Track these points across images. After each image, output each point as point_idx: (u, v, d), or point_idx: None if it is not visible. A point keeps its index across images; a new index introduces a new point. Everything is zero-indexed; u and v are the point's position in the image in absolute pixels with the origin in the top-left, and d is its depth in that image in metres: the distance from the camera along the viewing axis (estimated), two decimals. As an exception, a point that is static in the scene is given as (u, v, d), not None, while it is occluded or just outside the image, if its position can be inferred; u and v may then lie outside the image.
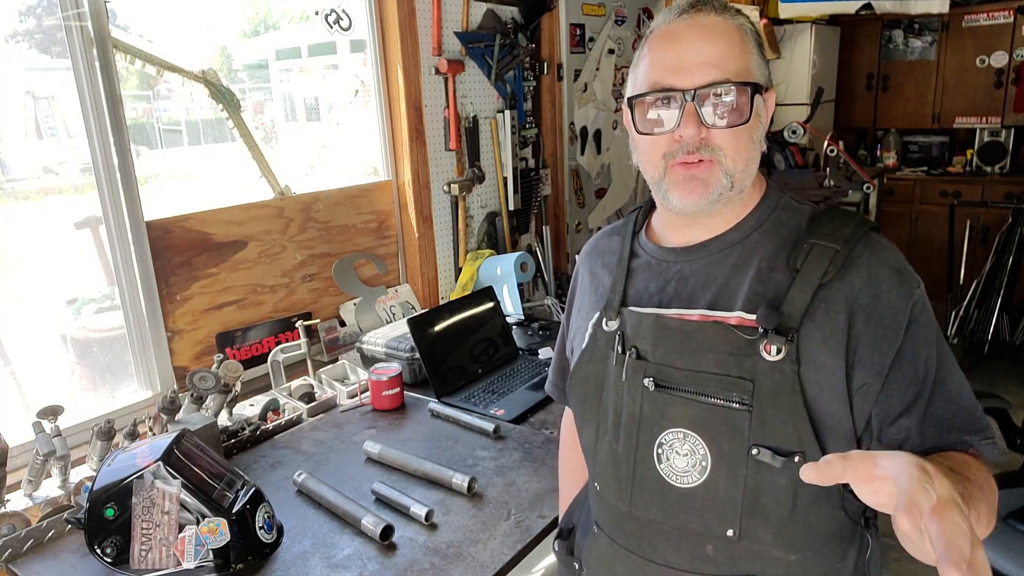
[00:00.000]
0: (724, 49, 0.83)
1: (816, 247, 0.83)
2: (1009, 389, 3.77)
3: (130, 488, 1.19)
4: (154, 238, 1.83)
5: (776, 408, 0.80)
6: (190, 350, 1.95)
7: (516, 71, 2.78)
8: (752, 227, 0.90)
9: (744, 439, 0.81)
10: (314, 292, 2.27)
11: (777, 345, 0.80)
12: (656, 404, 0.87)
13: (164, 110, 2.99)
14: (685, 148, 0.84)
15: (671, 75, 0.84)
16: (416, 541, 1.31)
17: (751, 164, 0.87)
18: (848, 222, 0.85)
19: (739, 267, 0.88)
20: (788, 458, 0.80)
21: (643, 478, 0.89)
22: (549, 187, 3.12)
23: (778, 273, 0.85)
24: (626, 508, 0.91)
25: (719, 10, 0.86)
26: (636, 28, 3.58)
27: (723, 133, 0.84)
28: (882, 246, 0.84)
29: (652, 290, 0.93)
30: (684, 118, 0.83)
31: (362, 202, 2.40)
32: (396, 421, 1.82)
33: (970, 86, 4.84)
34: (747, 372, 0.81)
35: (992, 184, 4.76)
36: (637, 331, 0.91)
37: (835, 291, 0.81)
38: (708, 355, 0.84)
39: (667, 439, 0.86)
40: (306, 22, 2.68)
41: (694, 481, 0.85)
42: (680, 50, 0.84)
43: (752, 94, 0.84)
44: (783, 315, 0.80)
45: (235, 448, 1.68)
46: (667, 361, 0.87)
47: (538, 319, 2.58)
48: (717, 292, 0.87)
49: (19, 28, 1.74)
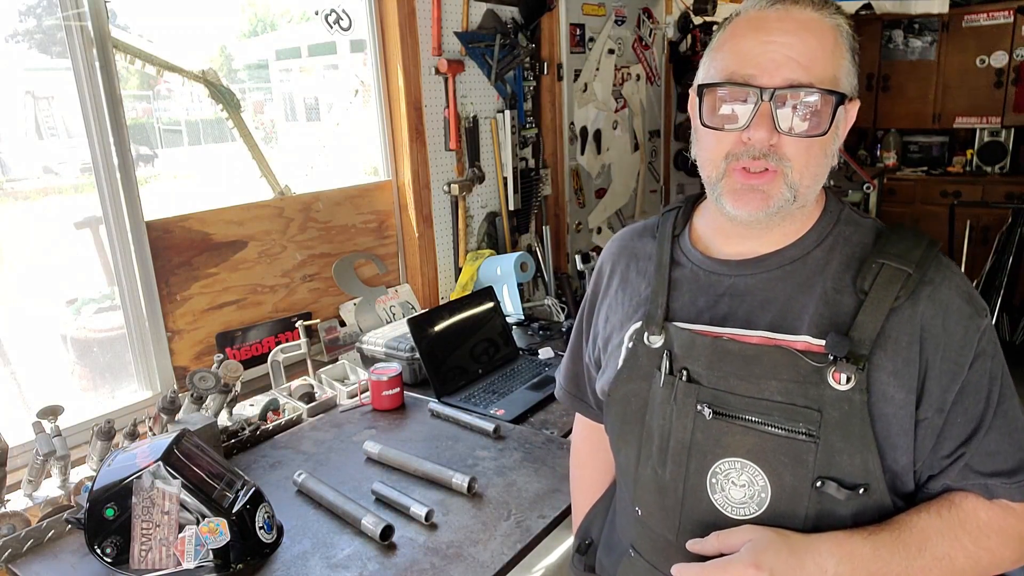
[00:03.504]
0: (815, 49, 0.76)
1: (886, 268, 0.77)
2: (1009, 389, 3.76)
3: (130, 488, 1.19)
4: (154, 238, 1.83)
5: (844, 440, 0.76)
6: (190, 350, 1.95)
7: (516, 71, 2.77)
8: (814, 242, 0.84)
9: (808, 471, 0.77)
10: (314, 292, 2.27)
11: (847, 374, 0.75)
12: (711, 432, 0.81)
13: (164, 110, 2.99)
14: (751, 152, 0.78)
15: (751, 68, 0.77)
16: (416, 541, 1.31)
17: (819, 180, 0.81)
18: (919, 242, 0.79)
19: (802, 286, 0.82)
20: (853, 491, 0.76)
21: (693, 508, 0.83)
22: (549, 187, 3.12)
23: (845, 295, 0.79)
24: (672, 538, 0.86)
25: (817, 5, 0.78)
26: (636, 28, 3.58)
27: (796, 142, 0.77)
28: (952, 271, 0.79)
29: (701, 305, 0.87)
30: (757, 118, 0.76)
31: (362, 202, 2.40)
32: (396, 421, 1.82)
33: (970, 86, 4.84)
34: (814, 401, 0.76)
35: (992, 184, 4.76)
36: (688, 351, 0.84)
37: (906, 318, 0.76)
38: (772, 382, 0.78)
39: (722, 468, 0.81)
40: (306, 22, 2.68)
41: (751, 513, 0.80)
42: (766, 41, 0.76)
43: (836, 104, 0.77)
44: (853, 342, 0.75)
45: (235, 448, 1.68)
46: (724, 386, 0.81)
47: (538, 319, 2.58)
48: (779, 313, 0.81)
49: (19, 28, 1.74)
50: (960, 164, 5.02)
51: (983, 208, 4.49)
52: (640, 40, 3.62)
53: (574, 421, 1.21)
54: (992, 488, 0.78)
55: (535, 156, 3.02)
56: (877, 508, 0.78)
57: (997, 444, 0.78)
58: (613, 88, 3.48)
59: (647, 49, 3.68)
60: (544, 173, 3.07)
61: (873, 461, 0.76)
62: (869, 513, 0.78)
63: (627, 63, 3.56)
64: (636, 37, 3.59)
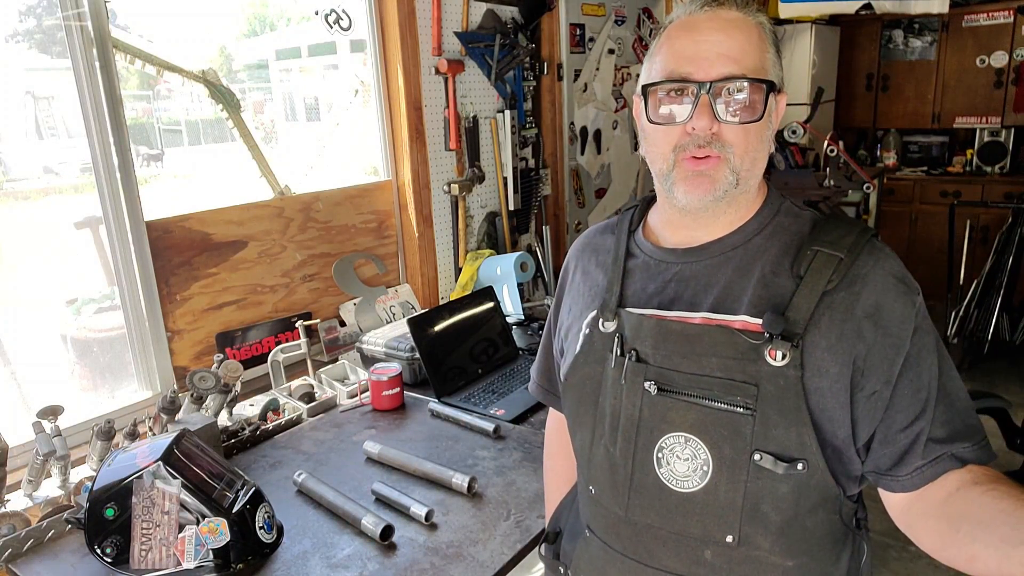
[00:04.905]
0: (743, 44, 0.83)
1: (820, 254, 0.83)
2: (1009, 389, 3.77)
3: (130, 488, 1.19)
4: (154, 238, 1.83)
5: (780, 413, 0.80)
6: (190, 350, 1.95)
7: (516, 71, 2.77)
8: (754, 231, 0.90)
9: (746, 444, 0.81)
10: (314, 292, 2.27)
11: (782, 350, 0.79)
12: (657, 408, 0.86)
13: (164, 110, 2.99)
14: (696, 141, 0.84)
15: (688, 65, 0.84)
16: (416, 541, 1.31)
17: (758, 163, 0.87)
18: (851, 230, 0.85)
19: (742, 271, 0.87)
20: (790, 464, 0.80)
21: (641, 482, 0.88)
22: (549, 187, 3.12)
23: (782, 278, 0.84)
24: (622, 512, 0.90)
25: (741, 7, 0.86)
26: (636, 28, 3.58)
27: (734, 129, 0.83)
28: (885, 254, 0.84)
29: (651, 291, 0.92)
30: (698, 110, 0.83)
31: (362, 202, 2.40)
32: (396, 421, 1.82)
33: (970, 86, 4.84)
34: (751, 377, 0.81)
35: (992, 184, 4.76)
36: (637, 333, 0.89)
37: (840, 299, 0.81)
38: (712, 359, 0.83)
39: (667, 443, 0.86)
40: (306, 22, 2.68)
41: (695, 486, 0.84)
42: (699, 40, 0.84)
43: (767, 92, 0.84)
44: (788, 320, 0.80)
45: (235, 448, 1.68)
46: (669, 364, 0.86)
47: (538, 319, 2.57)
48: (720, 295, 0.86)
49: (19, 28, 1.74)
50: (960, 164, 5.02)
51: (983, 208, 4.50)
52: (640, 40, 3.62)
53: (548, 415, 1.25)
54: (960, 454, 0.80)
55: (535, 156, 3.02)
56: (817, 486, 0.82)
57: (947, 413, 0.81)
58: (613, 88, 3.48)
59: (647, 49, 3.68)
60: (544, 173, 3.07)
61: (808, 435, 0.80)
62: (810, 491, 0.82)
63: (627, 63, 3.56)
64: (636, 37, 3.59)
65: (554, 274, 3.01)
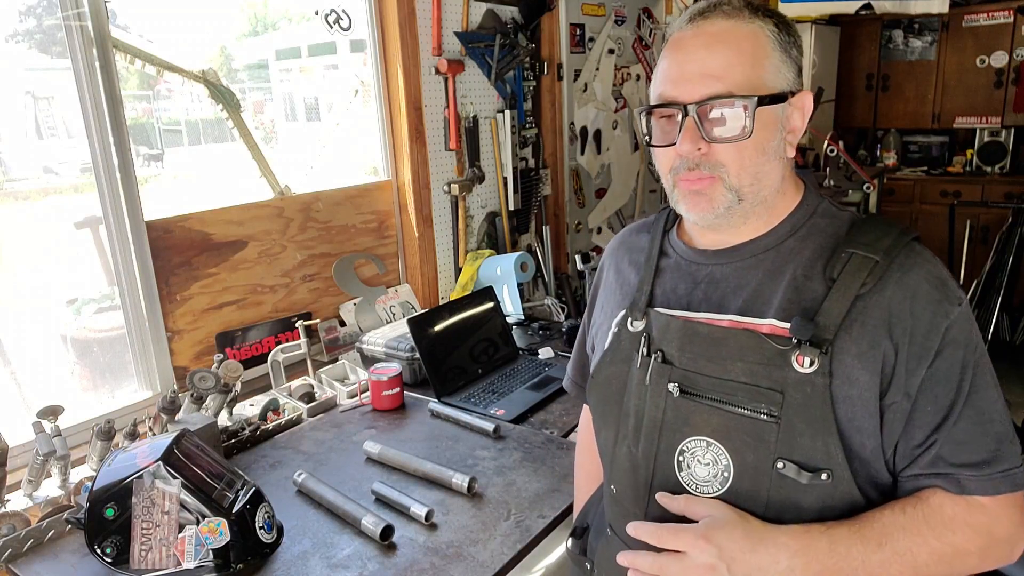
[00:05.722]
0: (729, 59, 0.80)
1: (855, 257, 0.80)
2: (1009, 389, 3.77)
3: (130, 488, 1.19)
4: (154, 238, 1.83)
5: (805, 422, 0.77)
6: (190, 350, 1.95)
7: (516, 71, 2.77)
8: (787, 232, 0.87)
9: (770, 452, 0.79)
10: (314, 292, 2.27)
11: (810, 357, 0.77)
12: (679, 411, 0.85)
13: (164, 110, 2.99)
14: (686, 164, 0.83)
15: (673, 88, 0.82)
16: (416, 541, 1.31)
17: (762, 177, 0.84)
18: (890, 231, 0.81)
19: (773, 273, 0.85)
20: (815, 474, 0.77)
21: (662, 485, 0.86)
22: (549, 187, 3.12)
23: (814, 282, 0.81)
24: (642, 514, 0.89)
25: (730, 14, 0.82)
26: (636, 28, 3.58)
27: (725, 148, 0.81)
28: (924, 258, 0.80)
29: (681, 292, 0.91)
30: (683, 134, 0.81)
31: (362, 202, 2.40)
32: (396, 421, 1.82)
33: (970, 86, 4.83)
34: (777, 383, 0.79)
35: (992, 184, 4.76)
36: (664, 334, 0.88)
37: (873, 304, 0.78)
38: (737, 363, 0.81)
39: (689, 447, 0.84)
40: (306, 22, 2.68)
41: (714, 491, 0.83)
42: (683, 61, 0.82)
43: (756, 107, 0.80)
44: (818, 326, 0.77)
45: (235, 448, 1.68)
46: (694, 367, 0.84)
47: (538, 319, 2.58)
48: (749, 298, 0.84)
49: (19, 28, 1.74)
50: (960, 164, 5.02)
51: (983, 208, 4.49)
52: (640, 40, 3.62)
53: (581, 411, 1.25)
54: (961, 480, 0.77)
55: (535, 156, 3.02)
56: (843, 499, 0.79)
57: (967, 434, 0.77)
58: (613, 88, 3.48)
59: (647, 49, 3.69)
60: (544, 173, 3.07)
61: (834, 445, 0.77)
62: (835, 504, 0.79)
63: (627, 63, 3.56)
64: (636, 37, 3.59)
65: (554, 274, 3.01)
